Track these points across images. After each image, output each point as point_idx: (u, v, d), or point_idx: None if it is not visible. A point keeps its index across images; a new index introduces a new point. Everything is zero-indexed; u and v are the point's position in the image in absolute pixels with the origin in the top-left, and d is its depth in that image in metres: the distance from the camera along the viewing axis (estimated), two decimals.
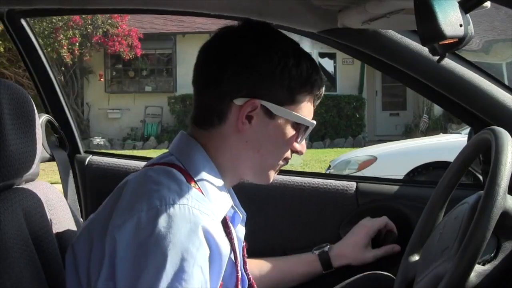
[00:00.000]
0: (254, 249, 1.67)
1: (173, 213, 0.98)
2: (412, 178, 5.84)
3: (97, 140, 14.98)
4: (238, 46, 1.13)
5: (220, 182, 1.13)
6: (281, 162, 1.19)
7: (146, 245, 0.96)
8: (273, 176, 1.20)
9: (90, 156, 1.89)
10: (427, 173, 5.92)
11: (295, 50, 1.15)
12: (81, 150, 1.92)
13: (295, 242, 1.76)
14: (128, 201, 1.02)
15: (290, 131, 1.15)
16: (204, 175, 1.10)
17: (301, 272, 1.66)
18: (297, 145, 1.18)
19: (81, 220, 1.50)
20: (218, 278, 1.04)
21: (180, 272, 0.95)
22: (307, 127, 1.17)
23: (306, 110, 1.16)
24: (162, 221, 0.97)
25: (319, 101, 1.20)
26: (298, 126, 1.16)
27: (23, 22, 1.78)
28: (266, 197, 1.78)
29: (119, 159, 1.89)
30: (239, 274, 1.15)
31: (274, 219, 1.79)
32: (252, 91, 1.11)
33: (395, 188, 1.76)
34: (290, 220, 1.78)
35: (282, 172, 1.73)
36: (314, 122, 1.17)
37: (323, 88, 1.19)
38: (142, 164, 1.78)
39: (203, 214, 1.01)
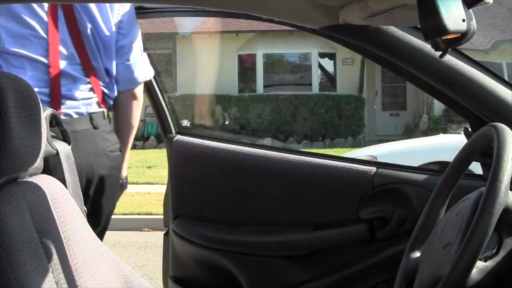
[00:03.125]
0: (290, 222, 1.98)
1: None
2: None
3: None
4: None
5: None
6: None
7: None
8: None
9: (178, 136, 2.20)
10: None
11: None
12: (173, 130, 2.26)
13: (322, 218, 1.95)
14: None
15: None
16: None
17: None
18: None
19: (85, 208, 1.51)
20: None
21: None
22: None
23: None
24: None
25: None
26: None
27: None
28: (298, 176, 1.98)
29: (205, 140, 2.16)
30: None
31: (306, 196, 1.98)
32: None
33: (408, 174, 1.88)
34: (318, 197, 1.97)
35: (313, 155, 2.03)
36: None
37: None
38: (227, 146, 2.09)
39: None
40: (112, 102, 2.21)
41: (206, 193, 2.12)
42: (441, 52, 1.09)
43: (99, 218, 2.12)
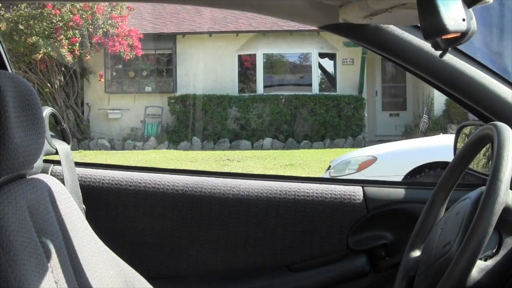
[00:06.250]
0: (255, 265, 1.65)
1: None
2: (413, 178, 5.83)
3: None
4: None
5: None
6: None
7: None
8: None
9: (53, 166, 1.66)
10: (427, 173, 5.91)
11: None
12: None
13: (299, 255, 1.67)
14: None
15: None
16: None
17: None
18: None
19: (84, 206, 1.51)
20: None
21: None
22: None
23: None
24: None
25: None
26: None
27: None
28: (266, 207, 1.66)
29: (99, 170, 1.74)
30: None
31: (276, 230, 1.67)
32: None
33: (405, 191, 1.68)
34: (293, 231, 1.66)
35: (282, 178, 1.70)
36: None
37: None
38: (138, 176, 1.68)
39: None
40: None
41: (114, 239, 1.56)
42: (441, 52, 1.09)
43: None
